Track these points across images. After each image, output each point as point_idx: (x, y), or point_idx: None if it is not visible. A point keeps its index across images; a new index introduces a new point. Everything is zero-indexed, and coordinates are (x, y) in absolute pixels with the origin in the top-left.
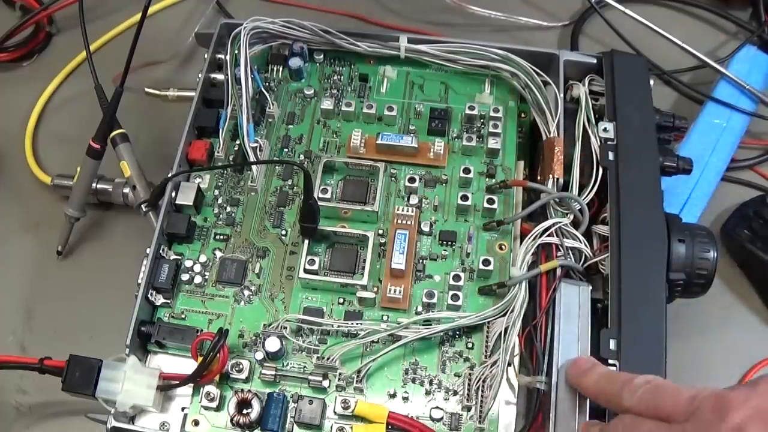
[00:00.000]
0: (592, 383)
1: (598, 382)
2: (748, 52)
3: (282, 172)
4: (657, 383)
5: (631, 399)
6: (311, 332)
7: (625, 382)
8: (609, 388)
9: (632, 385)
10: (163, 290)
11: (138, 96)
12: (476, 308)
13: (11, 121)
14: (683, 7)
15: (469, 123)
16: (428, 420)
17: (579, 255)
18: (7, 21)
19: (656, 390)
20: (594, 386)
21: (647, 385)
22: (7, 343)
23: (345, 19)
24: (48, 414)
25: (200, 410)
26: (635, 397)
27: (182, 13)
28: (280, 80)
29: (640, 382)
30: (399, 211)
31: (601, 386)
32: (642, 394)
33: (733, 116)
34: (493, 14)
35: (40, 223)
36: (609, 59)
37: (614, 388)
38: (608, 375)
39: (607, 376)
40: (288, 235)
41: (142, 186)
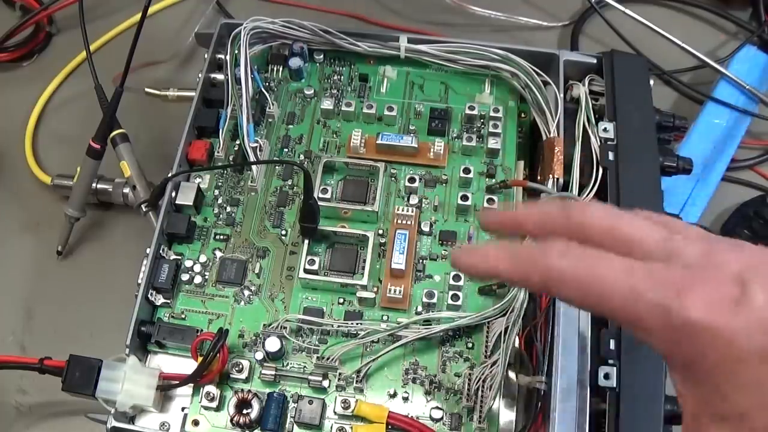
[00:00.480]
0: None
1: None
2: (748, 52)
3: (282, 172)
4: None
5: (583, 217)
6: (311, 332)
7: (565, 205)
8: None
9: (580, 206)
10: (163, 290)
11: (138, 96)
12: (476, 308)
13: (11, 121)
14: (683, 7)
15: (469, 123)
16: (428, 420)
17: None
18: (7, 21)
19: (616, 215)
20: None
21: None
22: (7, 343)
23: (345, 19)
24: (48, 414)
25: (200, 410)
26: (592, 216)
27: (182, 13)
28: (280, 80)
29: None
30: (399, 211)
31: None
32: (600, 212)
33: (733, 116)
34: (493, 14)
35: (40, 223)
36: (609, 59)
37: (553, 207)
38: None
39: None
40: (288, 235)
41: (142, 186)
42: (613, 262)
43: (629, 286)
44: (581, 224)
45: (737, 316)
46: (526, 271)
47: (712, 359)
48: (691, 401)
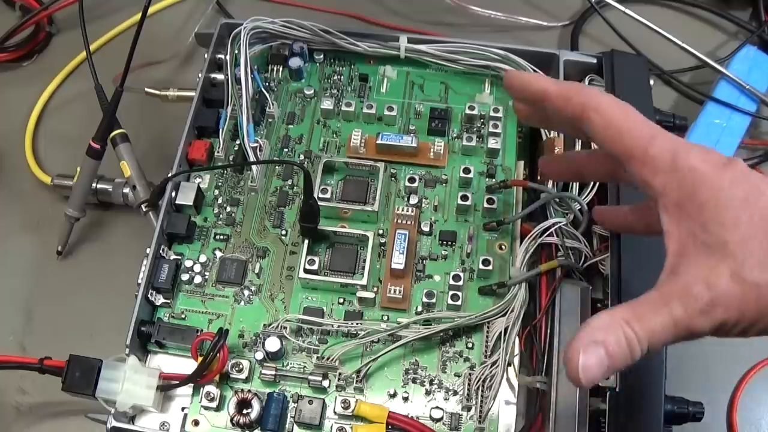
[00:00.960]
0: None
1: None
2: (748, 52)
3: (282, 172)
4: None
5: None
6: (311, 332)
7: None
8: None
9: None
10: (163, 290)
11: (138, 96)
12: (476, 308)
13: (11, 121)
14: (683, 7)
15: (469, 123)
16: (428, 420)
17: (579, 255)
18: (7, 21)
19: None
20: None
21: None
22: (7, 343)
23: (345, 19)
24: (48, 414)
25: (200, 410)
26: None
27: (182, 13)
28: (280, 80)
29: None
30: (399, 211)
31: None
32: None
33: (733, 116)
34: (493, 14)
35: (40, 223)
36: (609, 59)
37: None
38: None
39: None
40: (288, 235)
41: (142, 186)
42: (638, 115)
43: (649, 132)
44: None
45: (726, 171)
46: (570, 91)
47: (702, 199)
48: (676, 238)
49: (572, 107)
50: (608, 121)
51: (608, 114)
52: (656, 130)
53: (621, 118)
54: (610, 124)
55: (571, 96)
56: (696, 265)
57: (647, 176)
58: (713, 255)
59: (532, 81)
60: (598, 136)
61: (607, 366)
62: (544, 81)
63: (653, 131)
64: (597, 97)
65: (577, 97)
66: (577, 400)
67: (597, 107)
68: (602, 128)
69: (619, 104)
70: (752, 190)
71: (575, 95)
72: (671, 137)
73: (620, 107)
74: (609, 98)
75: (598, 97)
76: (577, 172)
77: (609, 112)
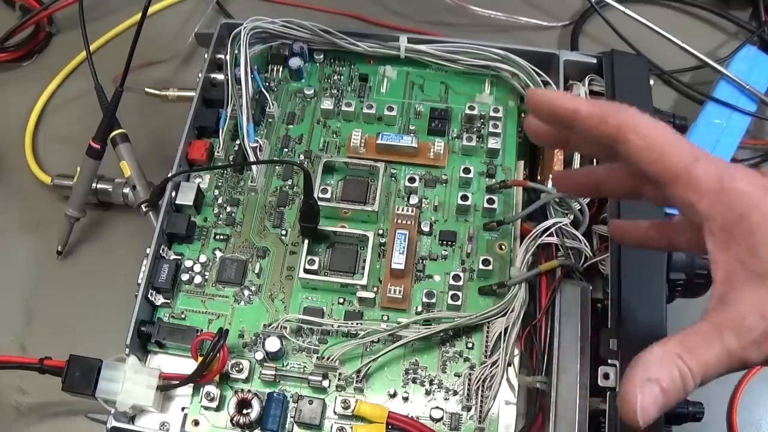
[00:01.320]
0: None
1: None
2: (748, 52)
3: (282, 172)
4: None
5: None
6: (311, 332)
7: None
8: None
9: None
10: (163, 290)
11: (138, 96)
12: (476, 308)
13: (11, 121)
14: (683, 7)
15: (469, 123)
16: (428, 420)
17: (579, 255)
18: (7, 21)
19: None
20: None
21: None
22: (7, 343)
23: (345, 19)
24: (48, 414)
25: (200, 410)
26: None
27: (182, 13)
28: (280, 80)
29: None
30: (399, 211)
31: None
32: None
33: (733, 116)
34: (493, 14)
35: (40, 223)
36: (609, 59)
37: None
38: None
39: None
40: (288, 235)
41: (142, 186)
42: (678, 135)
43: (692, 153)
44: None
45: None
46: (606, 113)
47: (751, 221)
48: (724, 263)
49: (608, 128)
50: (650, 142)
51: (650, 135)
52: (699, 151)
53: (662, 140)
54: (651, 146)
55: (607, 116)
56: (748, 294)
57: (693, 199)
58: (765, 283)
59: (561, 100)
60: (639, 158)
61: (662, 404)
62: (574, 100)
63: (696, 152)
64: (635, 117)
65: (613, 118)
66: (577, 400)
67: (636, 128)
68: (643, 150)
69: (659, 125)
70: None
71: (611, 115)
72: (715, 159)
73: (660, 128)
74: (648, 118)
75: (637, 117)
76: (594, 188)
77: (650, 133)
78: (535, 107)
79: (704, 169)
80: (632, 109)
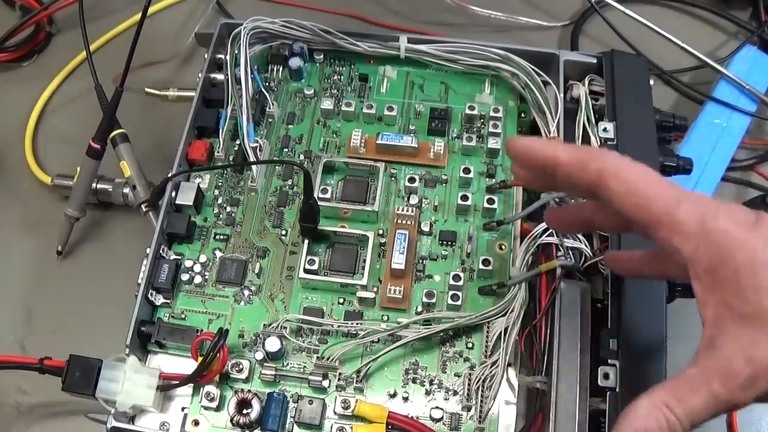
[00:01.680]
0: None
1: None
2: (748, 52)
3: (282, 172)
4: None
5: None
6: (311, 332)
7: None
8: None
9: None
10: (163, 290)
11: (138, 96)
12: (476, 308)
13: (11, 121)
14: (683, 7)
15: (469, 123)
16: (428, 420)
17: (579, 255)
18: (7, 21)
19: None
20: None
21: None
22: (7, 343)
23: (345, 19)
24: (48, 414)
25: (200, 410)
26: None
27: (182, 13)
28: (280, 80)
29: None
30: (399, 211)
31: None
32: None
33: (733, 116)
34: (493, 14)
35: (40, 223)
36: (609, 59)
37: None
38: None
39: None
40: (288, 235)
41: (142, 186)
42: (660, 177)
43: (672, 196)
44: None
45: (758, 231)
46: (585, 160)
47: (737, 262)
48: (712, 306)
49: (588, 175)
50: (631, 187)
51: (630, 180)
52: (680, 192)
53: (643, 184)
54: (633, 191)
55: (587, 163)
56: (734, 338)
57: (676, 243)
58: (752, 325)
59: (540, 148)
60: (620, 204)
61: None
62: (553, 147)
63: (678, 194)
64: (615, 162)
65: (594, 163)
66: (577, 400)
67: (617, 174)
68: (624, 195)
69: (638, 168)
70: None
71: (592, 161)
72: (696, 198)
73: (640, 171)
74: (628, 162)
75: (617, 162)
76: (585, 224)
77: (630, 178)
78: (515, 156)
79: (686, 212)
80: (613, 153)
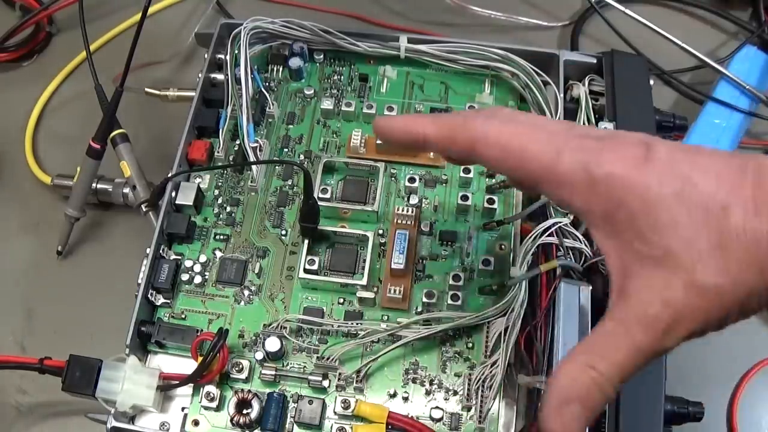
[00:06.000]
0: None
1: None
2: (748, 52)
3: (282, 172)
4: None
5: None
6: (311, 332)
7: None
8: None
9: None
10: (163, 290)
11: (138, 96)
12: (476, 308)
13: (11, 121)
14: (683, 7)
15: None
16: (428, 420)
17: (579, 255)
18: (7, 21)
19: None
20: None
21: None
22: (7, 343)
23: (345, 19)
24: (48, 414)
25: (200, 410)
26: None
27: (182, 13)
28: (280, 80)
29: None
30: (399, 211)
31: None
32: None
33: (733, 116)
34: (493, 14)
35: (40, 223)
36: (609, 59)
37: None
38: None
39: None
40: (288, 235)
41: (142, 186)
42: (533, 131)
43: (551, 150)
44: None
45: (648, 167)
46: (453, 131)
47: (631, 206)
48: (616, 253)
49: (460, 146)
50: (503, 150)
51: (501, 143)
52: (559, 139)
53: (516, 143)
54: (506, 154)
55: (455, 135)
56: (646, 283)
57: (565, 197)
58: (660, 267)
59: (404, 125)
60: (499, 168)
61: (586, 417)
62: (421, 123)
63: (557, 144)
64: (483, 127)
65: (462, 134)
66: None
67: (485, 138)
68: (500, 159)
69: (511, 125)
70: (683, 183)
71: (459, 133)
72: (577, 144)
73: (512, 128)
74: (497, 124)
75: (485, 127)
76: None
77: (501, 141)
78: (383, 138)
79: (568, 163)
80: (479, 117)
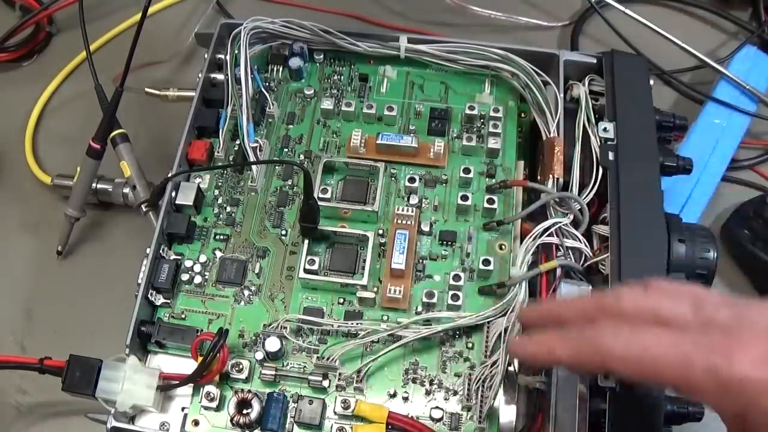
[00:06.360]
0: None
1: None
2: (748, 52)
3: (282, 172)
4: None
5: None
6: (311, 332)
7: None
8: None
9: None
10: (163, 290)
11: (138, 96)
12: (476, 308)
13: (11, 121)
14: (683, 7)
15: (469, 123)
16: (428, 420)
17: (579, 255)
18: (7, 21)
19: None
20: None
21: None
22: (7, 343)
23: (345, 19)
24: (48, 414)
25: (200, 410)
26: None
27: (182, 13)
28: (280, 80)
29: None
30: (399, 211)
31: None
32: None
33: (733, 116)
34: (493, 14)
35: (40, 223)
36: (609, 59)
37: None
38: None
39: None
40: (288, 235)
41: (142, 186)
42: (660, 338)
43: (680, 359)
44: (619, 310)
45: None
46: (588, 355)
47: (763, 406)
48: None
49: (593, 368)
50: (637, 364)
51: (633, 358)
52: (688, 345)
53: (648, 357)
54: (639, 368)
55: (586, 359)
56: None
57: (698, 399)
58: None
59: (535, 356)
60: (632, 379)
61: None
62: (552, 352)
63: (685, 349)
64: (611, 344)
65: (593, 358)
66: (577, 400)
67: (616, 358)
68: (632, 373)
69: (637, 338)
70: None
71: (591, 356)
72: (705, 345)
73: (640, 342)
74: (625, 339)
75: (617, 345)
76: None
77: (633, 356)
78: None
79: (700, 372)
80: (606, 333)
